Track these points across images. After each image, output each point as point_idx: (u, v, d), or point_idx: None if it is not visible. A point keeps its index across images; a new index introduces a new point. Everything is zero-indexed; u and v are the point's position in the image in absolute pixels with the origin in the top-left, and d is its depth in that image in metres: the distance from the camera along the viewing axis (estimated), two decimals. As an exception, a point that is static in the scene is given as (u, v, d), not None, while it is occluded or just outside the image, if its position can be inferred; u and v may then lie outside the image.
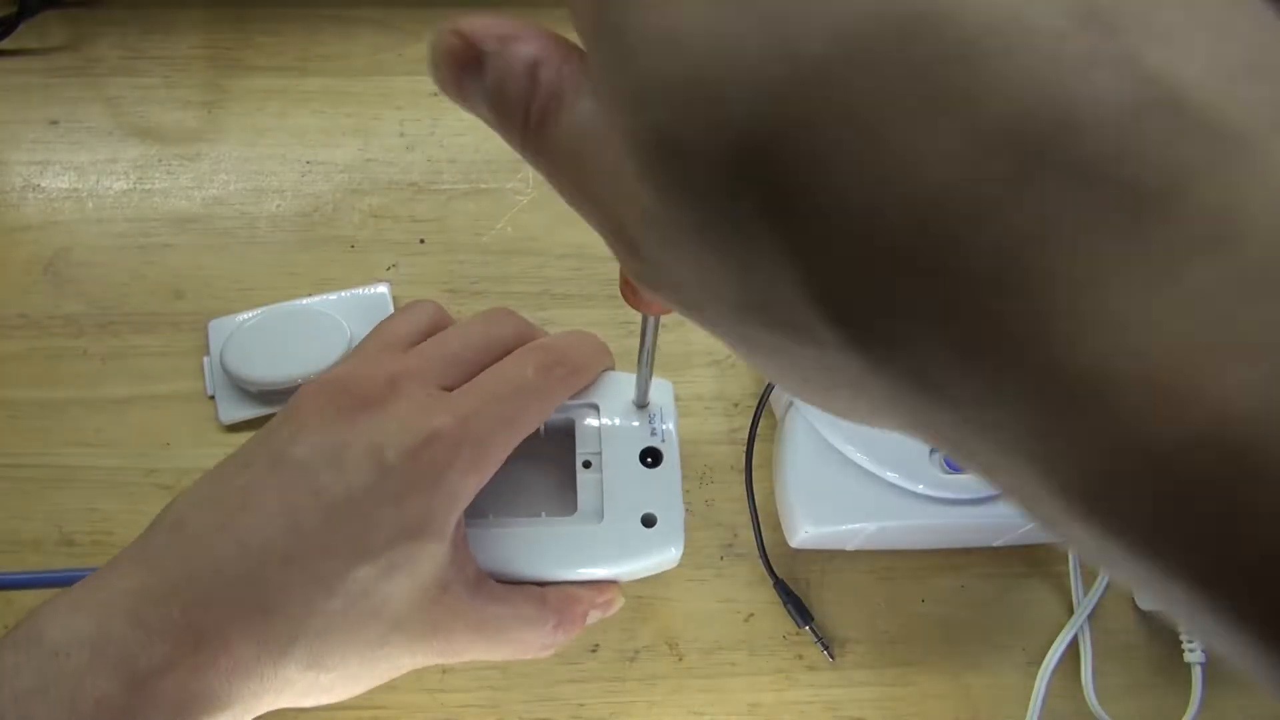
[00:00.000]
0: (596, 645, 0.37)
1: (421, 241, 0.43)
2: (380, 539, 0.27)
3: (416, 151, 0.45)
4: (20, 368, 0.41)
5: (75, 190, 0.44)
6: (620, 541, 0.31)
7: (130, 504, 0.38)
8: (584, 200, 0.15)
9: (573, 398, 0.33)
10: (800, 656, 0.37)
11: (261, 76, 0.46)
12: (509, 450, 0.30)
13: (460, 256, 0.43)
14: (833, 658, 0.37)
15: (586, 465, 0.32)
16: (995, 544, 0.37)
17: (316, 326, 0.40)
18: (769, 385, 0.35)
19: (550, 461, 0.34)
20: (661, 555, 0.32)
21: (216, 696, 0.26)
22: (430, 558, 0.28)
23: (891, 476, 0.33)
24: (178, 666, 0.25)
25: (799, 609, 0.37)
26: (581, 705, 0.37)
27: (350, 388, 0.29)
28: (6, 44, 0.46)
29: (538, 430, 0.33)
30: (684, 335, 0.42)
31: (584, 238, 0.43)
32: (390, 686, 0.36)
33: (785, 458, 0.35)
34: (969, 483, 0.33)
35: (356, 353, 0.32)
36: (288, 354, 0.39)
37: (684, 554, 0.32)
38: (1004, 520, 0.34)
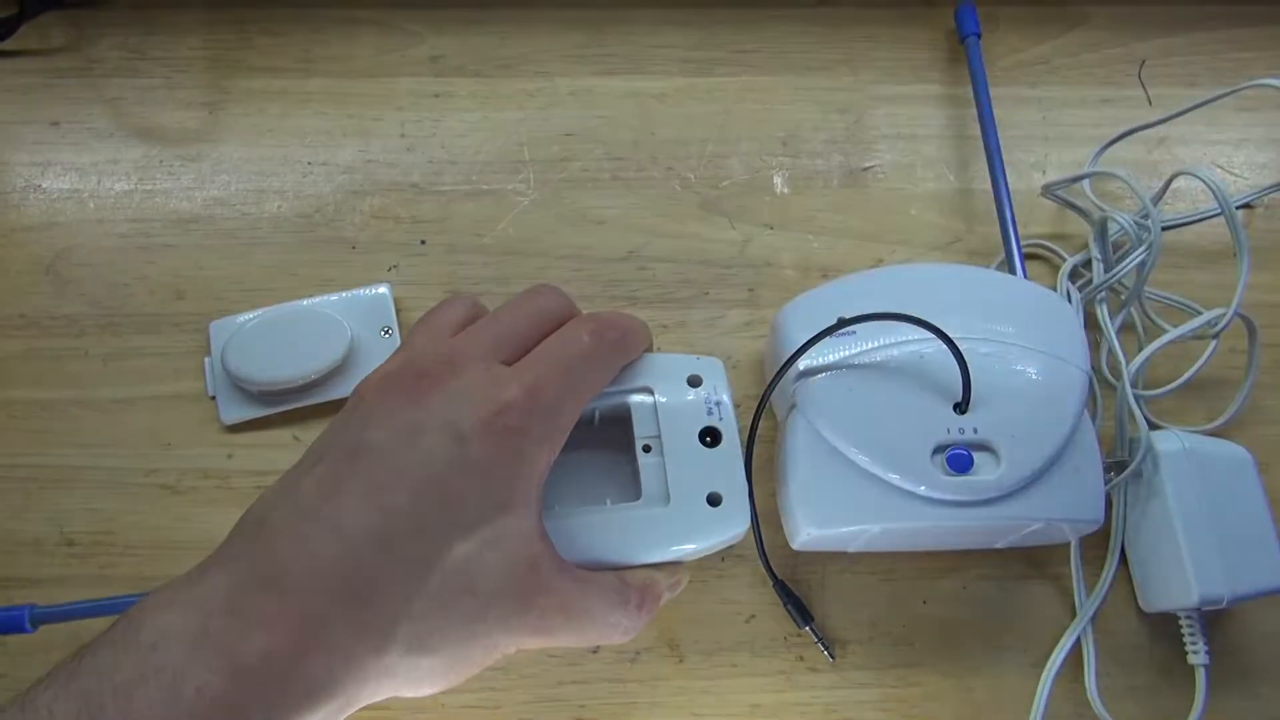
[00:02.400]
0: (597, 646, 0.37)
1: (423, 242, 0.43)
2: (471, 514, 0.27)
3: (417, 152, 0.45)
4: (21, 368, 0.41)
5: (77, 191, 0.44)
6: (688, 523, 0.31)
7: (131, 504, 0.38)
8: None
9: (625, 383, 0.33)
10: (801, 658, 0.37)
11: (263, 77, 0.46)
12: (576, 417, 0.30)
13: (461, 257, 0.43)
14: (834, 659, 0.37)
15: (646, 449, 0.32)
16: (998, 545, 0.37)
17: (317, 327, 0.40)
18: (769, 386, 0.35)
19: (609, 448, 0.34)
20: (730, 532, 0.32)
21: (319, 686, 0.25)
22: (520, 531, 0.28)
23: (893, 478, 0.33)
24: (277, 656, 0.25)
25: (799, 609, 0.36)
26: (583, 706, 0.36)
27: (411, 369, 0.29)
28: (8, 45, 0.46)
29: (594, 418, 0.33)
30: (685, 336, 0.42)
31: (584, 238, 0.43)
32: (391, 688, 0.36)
33: (787, 459, 0.35)
34: (972, 484, 0.33)
35: (405, 345, 0.32)
36: (288, 354, 0.39)
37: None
38: (1007, 522, 0.34)
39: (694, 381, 0.34)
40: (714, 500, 0.32)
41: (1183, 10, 0.49)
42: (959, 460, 0.33)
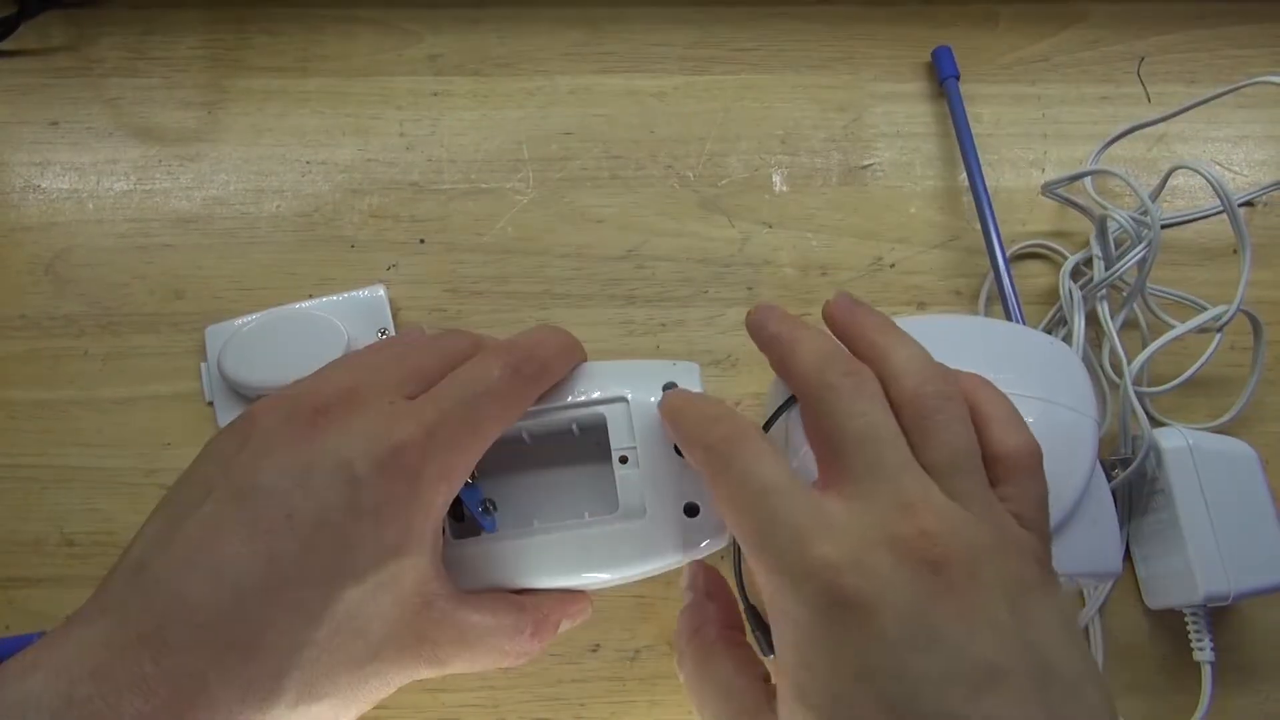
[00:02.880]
0: (597, 645, 0.37)
1: (422, 241, 0.43)
2: (363, 559, 0.26)
3: (416, 151, 0.45)
4: (20, 368, 0.41)
5: (76, 191, 0.44)
6: (665, 534, 0.30)
7: (130, 504, 0.38)
8: None
9: (600, 392, 0.32)
10: (802, 656, 0.37)
11: (261, 77, 0.46)
12: (479, 453, 0.29)
13: (460, 256, 0.43)
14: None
15: (624, 460, 0.31)
16: None
17: (313, 330, 0.40)
18: (789, 399, 0.33)
19: (590, 461, 0.33)
20: (708, 543, 0.31)
21: None
22: (413, 571, 0.27)
23: None
24: None
25: (767, 638, 0.28)
26: (582, 705, 0.36)
27: (306, 401, 0.27)
28: (7, 44, 0.46)
29: (573, 431, 0.32)
30: (684, 334, 0.42)
31: (584, 238, 0.43)
32: (390, 687, 0.36)
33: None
34: None
35: (315, 373, 0.30)
36: (285, 359, 0.39)
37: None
38: None
39: (669, 388, 0.32)
40: (691, 510, 0.31)
41: (1182, 7, 0.49)
42: None
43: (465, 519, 0.32)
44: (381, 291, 0.41)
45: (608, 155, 0.45)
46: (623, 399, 0.32)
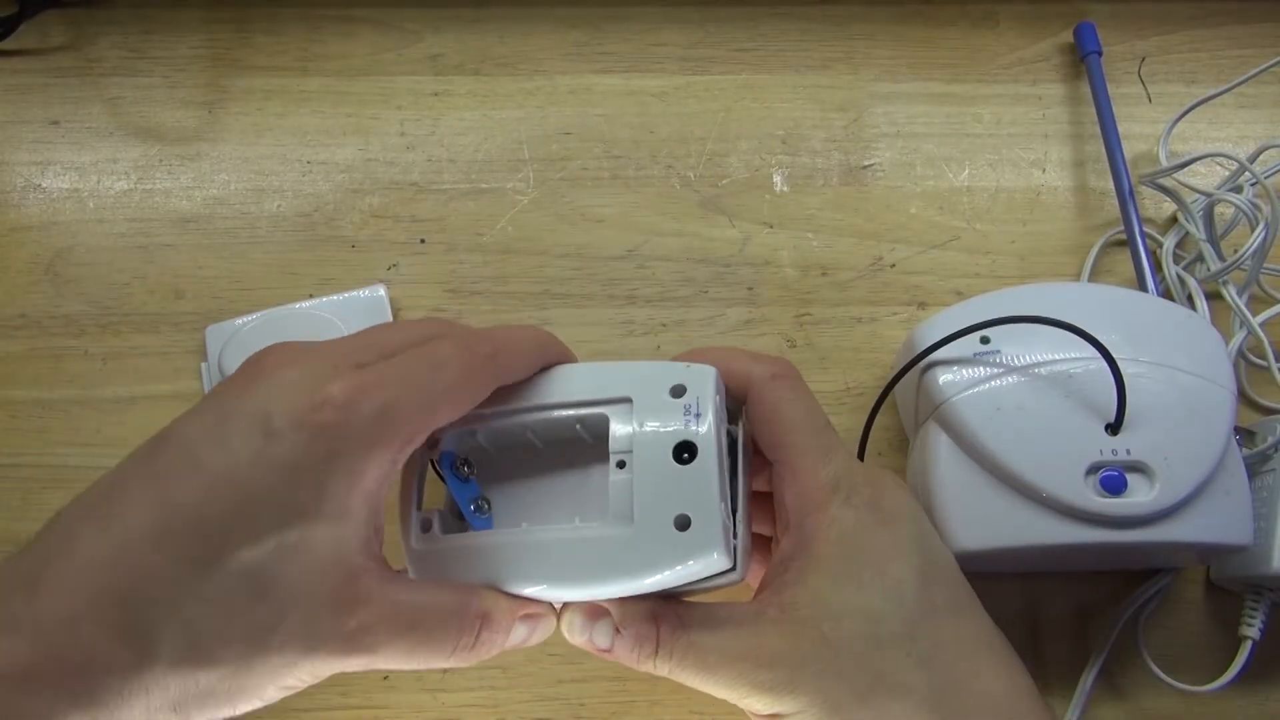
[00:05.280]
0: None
1: (422, 241, 0.43)
2: (267, 518, 0.24)
3: (417, 151, 0.45)
4: (20, 368, 0.41)
5: (76, 190, 0.44)
6: (650, 547, 0.28)
7: (131, 504, 0.38)
8: None
9: (606, 393, 0.30)
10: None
11: (262, 76, 0.46)
12: (423, 430, 0.27)
13: (461, 256, 0.43)
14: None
15: (621, 465, 0.29)
16: (1136, 568, 0.38)
17: (313, 330, 0.40)
18: (895, 378, 0.35)
19: (599, 466, 0.31)
20: (698, 562, 0.28)
21: (69, 693, 0.22)
22: (329, 540, 0.25)
23: (1049, 498, 0.33)
24: (17, 661, 0.22)
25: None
26: (582, 705, 0.36)
27: (252, 361, 0.27)
28: (7, 44, 0.46)
29: (581, 435, 0.31)
30: (685, 334, 0.42)
31: (584, 238, 0.43)
32: (390, 686, 0.36)
33: (930, 477, 0.35)
34: (1126, 505, 0.33)
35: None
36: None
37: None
38: (1159, 544, 0.33)
39: (677, 391, 0.29)
40: (682, 524, 0.28)
41: (1182, 7, 0.49)
42: (1112, 481, 0.33)
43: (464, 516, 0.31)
44: (382, 291, 0.41)
45: (608, 155, 0.45)
46: (627, 400, 0.30)
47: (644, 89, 0.47)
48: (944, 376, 0.35)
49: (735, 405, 0.32)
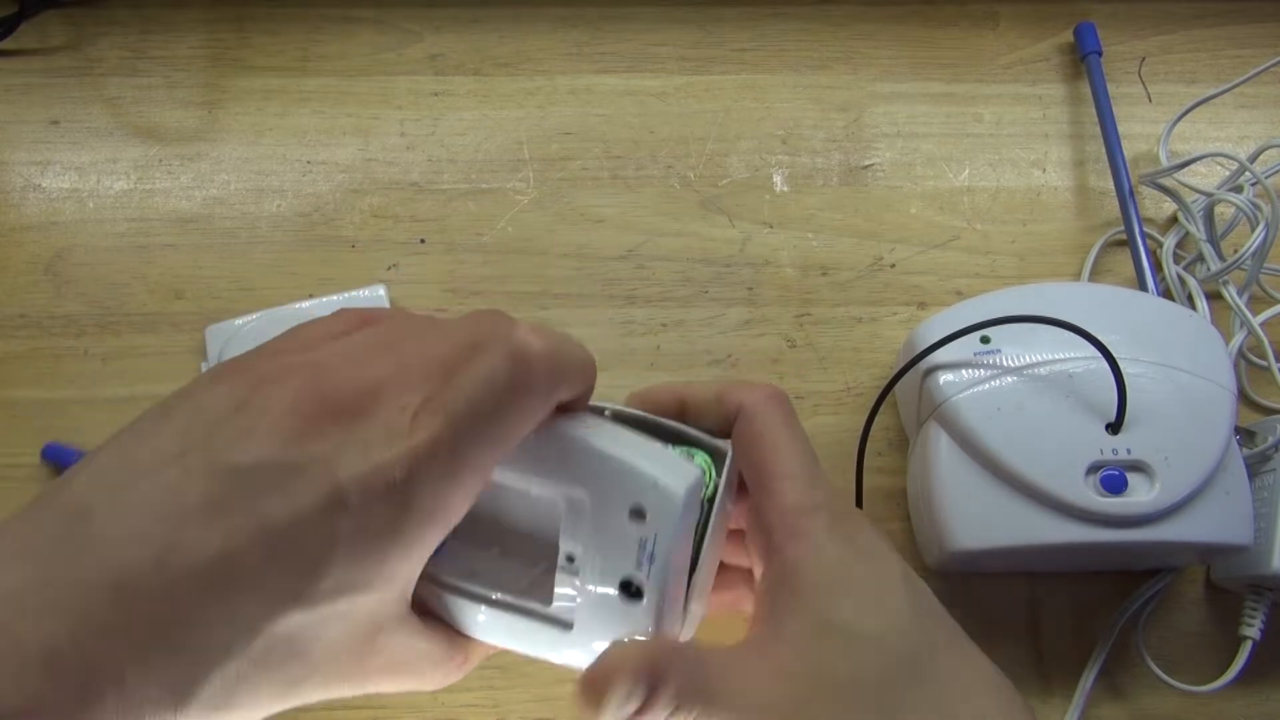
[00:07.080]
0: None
1: (422, 241, 0.43)
2: (322, 588, 0.23)
3: (417, 151, 0.45)
4: (20, 368, 0.41)
5: (76, 190, 0.44)
6: (587, 652, 0.27)
7: (130, 504, 0.38)
8: None
9: (566, 470, 0.27)
10: (802, 656, 0.37)
11: (261, 76, 0.46)
12: (483, 477, 0.25)
13: (461, 256, 0.43)
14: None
15: (570, 559, 0.27)
16: (1136, 568, 0.38)
17: (316, 327, 0.40)
18: (896, 376, 0.36)
19: (547, 524, 0.29)
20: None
21: None
22: (373, 605, 0.25)
23: (1048, 497, 0.33)
24: (50, 712, 0.20)
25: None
26: (582, 705, 0.36)
27: (323, 386, 0.24)
28: (7, 44, 0.46)
29: (529, 487, 0.28)
30: (684, 334, 0.42)
31: (584, 238, 0.43)
32: (391, 687, 0.36)
33: (932, 476, 0.35)
34: (1127, 504, 0.33)
35: (334, 339, 0.27)
36: (288, 354, 0.39)
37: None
38: (1158, 544, 0.34)
39: (637, 513, 0.26)
40: (618, 643, 0.27)
41: (1182, 7, 0.49)
42: (1113, 480, 0.33)
43: None
44: (382, 291, 0.41)
45: (608, 155, 0.45)
46: (585, 498, 0.27)
47: (644, 89, 0.47)
48: (944, 376, 0.35)
49: (725, 427, 0.30)
